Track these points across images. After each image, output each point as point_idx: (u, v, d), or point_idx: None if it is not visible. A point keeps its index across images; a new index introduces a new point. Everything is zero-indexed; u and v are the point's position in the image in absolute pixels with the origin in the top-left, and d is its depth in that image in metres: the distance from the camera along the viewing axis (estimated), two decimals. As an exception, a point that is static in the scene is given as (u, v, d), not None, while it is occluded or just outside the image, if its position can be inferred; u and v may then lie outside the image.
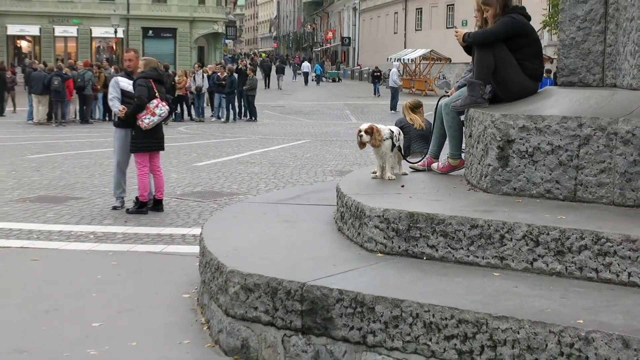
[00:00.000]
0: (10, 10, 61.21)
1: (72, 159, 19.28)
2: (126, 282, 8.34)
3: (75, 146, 22.54)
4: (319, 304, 5.56)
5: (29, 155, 20.34)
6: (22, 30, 62.15)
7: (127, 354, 6.21)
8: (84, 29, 62.08)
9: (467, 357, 4.95)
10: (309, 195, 9.91)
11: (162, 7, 63.64)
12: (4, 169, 17.45)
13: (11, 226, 11.23)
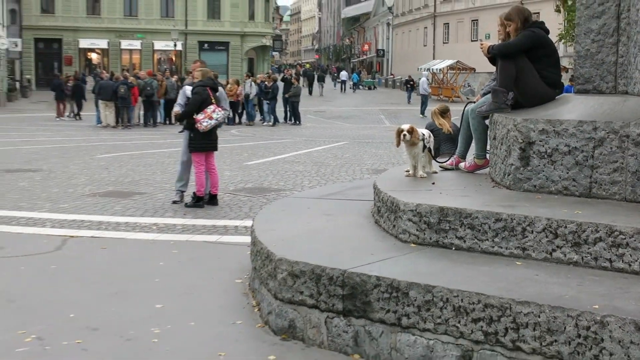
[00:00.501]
0: (82, 26, 61.80)
1: (137, 158, 19.43)
2: (185, 269, 8.39)
3: (139, 147, 22.71)
4: (359, 289, 5.56)
5: (98, 155, 20.52)
6: (93, 44, 62.71)
7: (186, 332, 6.24)
8: (147, 43, 62.51)
9: (492, 338, 4.93)
10: (348, 191, 9.90)
11: (216, 23, 63.87)
12: (77, 167, 17.64)
13: (83, 218, 11.33)
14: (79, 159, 19.43)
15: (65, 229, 10.55)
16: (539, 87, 7.42)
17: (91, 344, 5.96)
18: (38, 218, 11.34)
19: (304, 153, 21.05)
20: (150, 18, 62.86)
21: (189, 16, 63.26)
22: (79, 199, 13.06)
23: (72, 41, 62.31)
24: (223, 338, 6.12)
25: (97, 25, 62.28)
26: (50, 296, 7.27)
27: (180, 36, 58.55)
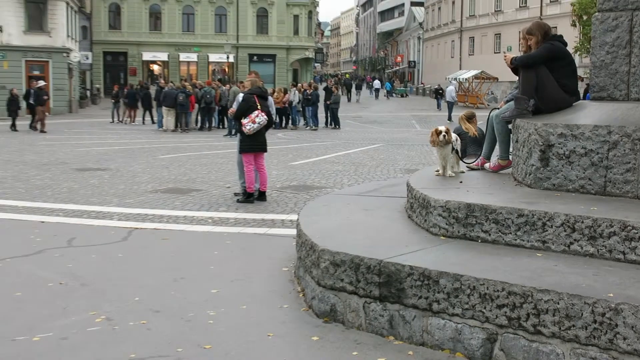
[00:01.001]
0: (145, 41, 62.43)
1: (194, 159, 19.55)
2: (237, 257, 8.43)
3: (196, 148, 22.83)
4: (394, 277, 5.56)
5: (160, 155, 20.69)
6: (154, 57, 63.27)
7: (238, 315, 6.28)
8: (203, 55, 62.94)
9: (515, 322, 4.90)
10: (383, 189, 9.88)
11: (264, 37, 64.16)
12: (141, 166, 17.80)
13: (146, 212, 11.43)
14: (143, 159, 19.61)
15: (131, 221, 10.66)
16: (557, 94, 7.35)
17: (154, 324, 6.02)
18: (107, 212, 11.45)
19: (343, 154, 21.05)
20: (205, 33, 63.27)
21: (240, 31, 63.58)
22: (143, 195, 13.18)
23: (136, 54, 62.96)
24: (271, 320, 6.14)
25: (159, 40, 62.84)
26: (118, 281, 7.35)
27: (232, 49, 58.86)
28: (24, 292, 6.90)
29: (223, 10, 63.65)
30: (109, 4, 62.26)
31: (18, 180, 15.23)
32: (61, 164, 18.23)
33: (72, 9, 52.49)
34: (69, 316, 6.21)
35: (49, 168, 17.40)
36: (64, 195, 13.24)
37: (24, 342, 5.58)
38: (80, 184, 14.70)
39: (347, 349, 5.42)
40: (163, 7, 62.63)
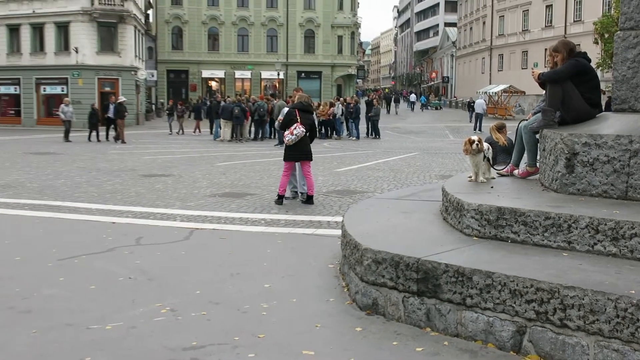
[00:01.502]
0: (204, 60, 63.06)
1: (248, 166, 19.66)
2: (287, 255, 8.47)
3: (249, 157, 22.96)
4: (430, 274, 5.54)
5: (217, 163, 20.83)
6: (212, 74, 63.83)
7: (289, 307, 6.31)
8: (255, 73, 63.37)
9: (542, 316, 4.85)
10: (420, 193, 9.84)
11: (311, 56, 64.36)
12: (201, 173, 17.95)
13: (206, 214, 11.53)
14: (202, 166, 19.78)
15: (192, 222, 10.75)
16: (582, 107, 7.27)
17: (214, 315, 6.08)
18: (170, 214, 11.58)
19: (383, 162, 21.00)
20: (258, 53, 63.71)
21: (290, 51, 63.90)
22: (202, 199, 13.28)
23: (196, 72, 63.59)
24: (319, 312, 6.16)
25: (216, 59, 63.41)
26: (181, 276, 7.43)
27: (282, 67, 59.18)
28: (98, 286, 7.02)
29: (274, 32, 64.04)
30: (172, 27, 63.03)
31: (91, 185, 15.47)
32: (130, 171, 18.48)
33: (139, 32, 53.26)
34: (137, 307, 6.29)
35: (119, 174, 17.65)
36: (132, 198, 13.43)
37: (97, 330, 5.67)
38: (146, 188, 14.88)
39: (388, 339, 5.42)
40: (220, 29, 63.20)
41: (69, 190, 14.57)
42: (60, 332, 5.64)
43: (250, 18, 63.46)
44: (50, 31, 48.05)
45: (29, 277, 7.38)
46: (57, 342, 5.42)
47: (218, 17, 63.11)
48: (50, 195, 13.89)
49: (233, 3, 63.18)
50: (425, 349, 5.18)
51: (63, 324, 5.85)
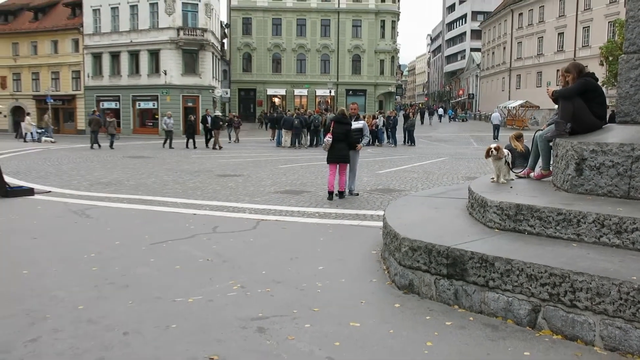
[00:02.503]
0: (269, 80, 63.49)
1: (305, 168, 19.75)
2: (337, 243, 8.46)
3: (306, 160, 23.06)
4: (458, 260, 5.48)
5: (279, 165, 20.97)
6: (275, 92, 64.20)
7: (339, 286, 6.31)
8: (311, 90, 63.49)
9: (555, 297, 4.77)
10: (449, 192, 9.73)
11: (358, 77, 64.23)
12: (266, 173, 18.07)
13: (270, 207, 11.60)
14: (267, 168, 19.92)
15: (258, 214, 10.81)
16: (589, 119, 7.10)
17: (276, 292, 6.11)
18: (240, 207, 11.67)
19: (417, 165, 20.84)
20: (313, 74, 63.86)
21: (340, 72, 63.87)
22: (267, 195, 13.37)
23: (262, 90, 64.07)
24: (363, 290, 6.14)
25: (279, 79, 63.80)
26: (249, 259, 7.49)
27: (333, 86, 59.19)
28: (182, 266, 7.12)
29: (327, 56, 64.08)
30: (243, 54, 63.64)
31: (177, 183, 15.72)
32: (207, 172, 18.71)
33: (216, 57, 53.95)
34: (213, 284, 6.37)
35: (198, 174, 17.88)
36: (209, 194, 13.57)
37: (181, 303, 5.76)
38: (221, 186, 15.04)
39: (422, 314, 5.38)
40: (282, 55, 63.55)
41: (158, 187, 14.83)
42: (151, 304, 5.75)
43: (307, 45, 63.64)
44: (144, 57, 49.06)
45: (127, 258, 7.54)
46: (149, 311, 5.53)
47: (281, 45, 63.48)
48: (143, 191, 14.16)
49: (293, 33, 63.44)
50: (454, 323, 5.13)
51: (154, 297, 5.96)
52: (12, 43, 55.05)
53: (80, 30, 51.64)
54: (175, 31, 47.53)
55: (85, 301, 5.77)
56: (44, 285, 6.31)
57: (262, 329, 5.04)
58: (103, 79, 51.18)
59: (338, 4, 63.13)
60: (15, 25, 55.68)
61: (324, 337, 4.85)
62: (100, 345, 4.73)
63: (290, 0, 63.17)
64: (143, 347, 4.69)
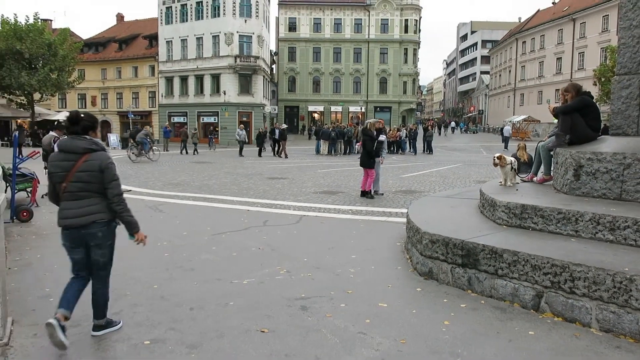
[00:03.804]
0: (309, 99, 63.51)
1: (340, 172, 19.69)
2: (367, 236, 8.40)
3: (341, 165, 23.00)
4: (471, 251, 5.38)
5: (318, 170, 20.95)
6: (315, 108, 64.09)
7: (369, 272, 6.25)
8: (345, 107, 63.22)
9: (556, 285, 4.64)
10: (463, 193, 9.58)
11: (384, 95, 63.72)
12: (307, 176, 18.07)
13: (310, 205, 11.57)
14: (308, 172, 19.92)
15: (301, 211, 10.82)
16: (586, 132, 6.89)
17: (316, 276, 6.09)
18: (286, 205, 11.68)
19: (435, 170, 20.58)
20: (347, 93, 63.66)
21: (369, 92, 63.55)
22: (308, 195, 13.36)
23: (304, 107, 64.14)
24: (390, 276, 6.08)
25: (318, 98, 63.79)
26: (294, 248, 7.49)
27: (364, 103, 58.98)
28: (237, 254, 7.17)
29: (358, 79, 63.80)
30: (288, 77, 63.84)
31: (234, 184, 15.83)
32: (259, 175, 18.80)
33: (266, 80, 54.30)
34: (264, 269, 6.38)
35: (251, 177, 17.99)
36: (260, 193, 13.63)
37: (237, 284, 5.79)
38: (270, 187, 15.09)
39: (440, 297, 5.29)
40: (321, 77, 63.53)
41: (218, 187, 14.96)
42: (212, 284, 5.79)
43: (342, 69, 63.48)
44: (207, 80, 49.67)
45: (192, 246, 7.62)
46: (210, 291, 5.57)
47: (320, 69, 63.46)
48: (206, 190, 14.29)
49: (330, 59, 63.38)
50: (467, 305, 5.02)
51: (214, 279, 6.00)
52: (101, 69, 56.54)
53: (156, 58, 52.64)
54: (233, 58, 48.00)
55: (158, 281, 5.85)
56: (125, 268, 6.41)
57: (305, 308, 5.02)
58: (174, 98, 52.00)
59: (368, 34, 62.87)
60: (104, 55, 57.11)
61: (357, 315, 4.81)
62: (170, 318, 4.78)
63: (328, 32, 63.16)
64: (206, 320, 4.72)
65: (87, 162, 4.11)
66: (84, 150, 4.13)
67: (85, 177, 4.11)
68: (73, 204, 4.15)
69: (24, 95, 42.57)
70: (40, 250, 7.34)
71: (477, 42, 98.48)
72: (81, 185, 4.13)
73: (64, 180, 4.13)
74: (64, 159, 4.14)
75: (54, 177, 4.17)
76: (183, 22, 51.09)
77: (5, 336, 4.18)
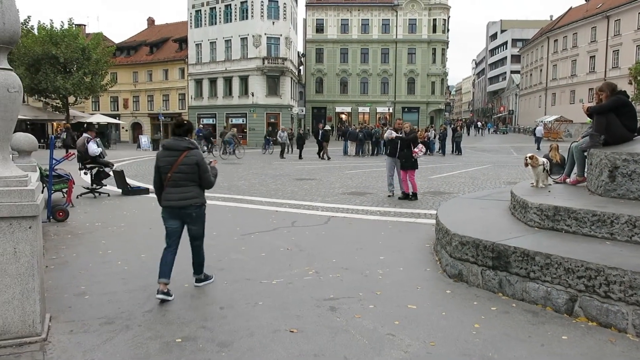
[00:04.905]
0: (337, 100, 63.44)
1: (367, 173, 19.62)
2: (396, 237, 8.35)
3: (368, 167, 22.94)
4: (502, 254, 5.30)
5: (346, 171, 20.92)
6: (342, 109, 63.99)
7: (398, 273, 6.22)
8: (372, 108, 62.96)
9: (590, 289, 4.54)
10: (493, 194, 9.45)
11: (412, 96, 63.27)
12: (335, 177, 18.06)
13: (339, 206, 11.56)
14: (336, 173, 19.92)
15: (329, 212, 10.81)
16: (621, 132, 6.72)
17: (345, 277, 6.09)
18: (314, 205, 11.69)
19: (464, 171, 20.35)
20: (374, 94, 63.42)
21: (397, 92, 63.20)
22: (336, 196, 13.35)
23: (331, 108, 64.14)
24: (419, 278, 6.04)
25: (345, 99, 63.71)
26: (322, 249, 7.50)
27: (391, 104, 58.65)
28: (266, 254, 7.22)
29: (386, 79, 63.52)
30: (316, 78, 63.93)
31: (262, 185, 15.92)
32: (287, 176, 18.88)
33: (293, 81, 54.53)
34: (293, 269, 6.41)
35: (279, 178, 18.07)
36: (288, 194, 13.68)
37: (266, 284, 5.83)
38: (298, 187, 15.13)
39: (470, 300, 5.23)
40: (348, 78, 63.45)
41: (247, 188, 15.06)
42: (242, 284, 5.84)
43: (370, 70, 63.29)
44: (236, 82, 50.15)
45: (222, 246, 7.70)
46: (240, 290, 5.62)
47: (347, 70, 63.40)
48: (235, 191, 14.41)
49: (358, 60, 63.25)
50: (498, 308, 4.96)
51: (244, 278, 6.05)
52: (132, 72, 57.63)
53: (185, 61, 53.38)
54: (261, 60, 48.35)
55: (189, 280, 5.93)
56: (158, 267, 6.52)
57: (333, 308, 5.02)
58: (203, 99, 52.64)
59: (396, 35, 62.54)
60: (136, 58, 58.18)
61: (386, 317, 4.79)
62: (201, 316, 4.85)
63: (356, 33, 63.05)
64: (236, 319, 4.77)
65: (186, 157, 5.29)
66: (184, 148, 5.32)
67: (185, 169, 5.29)
68: (175, 190, 5.33)
69: (59, 99, 43.73)
70: (76, 249, 7.52)
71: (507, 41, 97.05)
72: (182, 176, 5.30)
73: (169, 171, 5.30)
74: (168, 155, 5.33)
75: (162, 169, 5.34)
76: (212, 25, 51.69)
77: (44, 332, 4.30)
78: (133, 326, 4.62)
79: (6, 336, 4.15)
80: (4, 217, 4.05)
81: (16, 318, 4.17)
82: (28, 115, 41.27)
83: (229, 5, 50.61)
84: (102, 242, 7.97)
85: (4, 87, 4.03)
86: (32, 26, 42.45)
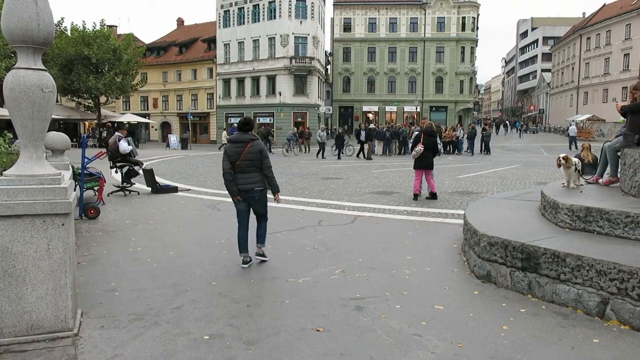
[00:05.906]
0: (364, 99, 63.27)
1: (394, 172, 19.51)
2: (423, 237, 8.29)
3: (395, 166, 22.83)
4: (532, 255, 5.21)
5: (373, 170, 20.83)
6: (369, 109, 63.71)
7: (424, 273, 6.18)
8: (400, 107, 62.55)
9: (623, 291, 4.43)
10: (522, 195, 9.29)
11: (440, 95, 62.70)
12: (362, 177, 18.01)
13: (365, 205, 11.52)
14: (362, 172, 19.86)
15: (355, 211, 10.80)
16: (656, 131, 6.56)
17: (371, 276, 6.07)
18: (341, 205, 11.69)
19: (493, 171, 20.05)
20: (402, 93, 63.01)
21: (424, 91, 62.68)
22: (363, 195, 13.31)
23: (359, 107, 63.95)
24: (446, 278, 5.99)
25: (372, 98, 63.47)
26: (348, 248, 7.49)
27: (419, 103, 58.21)
28: (293, 252, 7.25)
29: (414, 78, 63.05)
30: (343, 77, 63.86)
31: (288, 184, 15.94)
32: (313, 175, 18.92)
33: (321, 80, 54.58)
34: (319, 268, 6.42)
35: (306, 177, 18.11)
36: (315, 193, 13.71)
37: (293, 282, 5.86)
38: (325, 187, 15.13)
39: (498, 301, 5.16)
40: (376, 77, 63.20)
41: (274, 187, 15.09)
42: (269, 282, 5.88)
43: (397, 69, 62.90)
44: (263, 81, 50.46)
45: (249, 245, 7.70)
46: (267, 289, 5.65)
47: (374, 69, 63.15)
48: (262, 190, 14.45)
49: (385, 59, 62.94)
50: (528, 310, 4.88)
51: (271, 277, 6.09)
52: (162, 72, 58.48)
53: (214, 61, 53.93)
54: (289, 60, 48.54)
55: (217, 278, 5.99)
56: (186, 264, 6.62)
57: (360, 308, 5.01)
58: (231, 99, 53.11)
59: (424, 33, 62.02)
60: (165, 58, 59.03)
61: (412, 317, 4.76)
62: (228, 314, 4.89)
63: (383, 32, 62.73)
64: (262, 317, 4.80)
65: (251, 147, 6.34)
66: (249, 140, 6.38)
67: (251, 156, 6.33)
68: (243, 175, 6.38)
69: (91, 99, 44.69)
70: (107, 246, 7.67)
71: (538, 39, 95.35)
72: (248, 163, 6.33)
73: (237, 160, 6.32)
74: (237, 147, 6.36)
75: (232, 158, 6.34)
76: (240, 25, 52.10)
77: (75, 327, 4.40)
78: (162, 322, 4.69)
79: (39, 331, 4.26)
80: (38, 214, 4.16)
81: (49, 313, 4.27)
82: (61, 114, 42.21)
83: (257, 5, 50.93)
84: (132, 240, 8.11)
85: (39, 87, 4.13)
86: (65, 27, 43.39)
